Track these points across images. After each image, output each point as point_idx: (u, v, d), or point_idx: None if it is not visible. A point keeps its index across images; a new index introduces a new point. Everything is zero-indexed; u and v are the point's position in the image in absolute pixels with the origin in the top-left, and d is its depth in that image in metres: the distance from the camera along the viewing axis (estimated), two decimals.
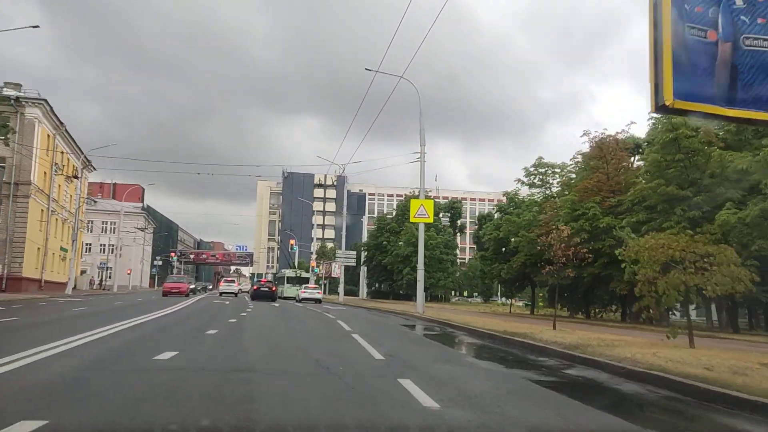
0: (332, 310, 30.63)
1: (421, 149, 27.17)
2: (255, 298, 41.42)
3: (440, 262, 54.92)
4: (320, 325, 18.68)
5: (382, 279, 62.89)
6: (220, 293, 53.70)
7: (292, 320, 21.10)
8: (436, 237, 55.62)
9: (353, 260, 47.94)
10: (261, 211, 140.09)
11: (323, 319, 21.57)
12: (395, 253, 53.67)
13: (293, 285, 51.43)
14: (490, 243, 33.96)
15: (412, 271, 52.77)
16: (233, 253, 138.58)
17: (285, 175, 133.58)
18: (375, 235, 62.03)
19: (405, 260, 53.09)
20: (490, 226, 34.69)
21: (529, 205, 33.68)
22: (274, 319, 21.10)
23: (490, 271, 33.89)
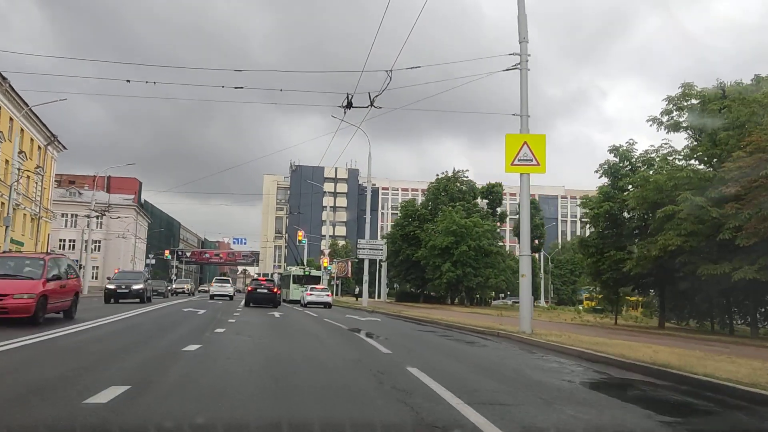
0: (363, 324, 19.37)
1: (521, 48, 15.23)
2: (250, 303, 30.73)
3: (487, 255, 43.13)
4: (387, 404, 6.08)
5: (410, 277, 51.04)
6: (212, 296, 43.07)
7: (295, 359, 9.39)
8: (482, 223, 43.85)
9: (380, 252, 36.34)
10: (267, 208, 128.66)
11: (370, 361, 9.28)
12: (430, 245, 42.04)
13: (301, 285, 41.31)
14: (599, 221, 22.01)
15: (453, 267, 41.00)
16: (238, 252, 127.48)
17: (293, 168, 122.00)
18: (401, 224, 50.51)
19: (443, 254, 41.51)
20: (597, 198, 22.58)
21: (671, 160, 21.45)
22: (260, 352, 10.62)
23: (596, 265, 21.93)
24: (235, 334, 12.85)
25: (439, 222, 43.24)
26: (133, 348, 9.51)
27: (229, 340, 11.59)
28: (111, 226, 75.28)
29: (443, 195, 50.20)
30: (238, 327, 15.11)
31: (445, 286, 43.23)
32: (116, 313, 17.77)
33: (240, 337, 12.25)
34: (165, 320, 16.90)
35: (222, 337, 12.10)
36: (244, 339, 11.82)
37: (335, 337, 14.10)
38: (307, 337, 13.36)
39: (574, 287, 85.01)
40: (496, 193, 53.42)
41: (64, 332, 11.26)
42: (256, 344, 10.98)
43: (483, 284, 43.24)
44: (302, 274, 43.64)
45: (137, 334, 12.04)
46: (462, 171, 51.04)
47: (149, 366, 7.53)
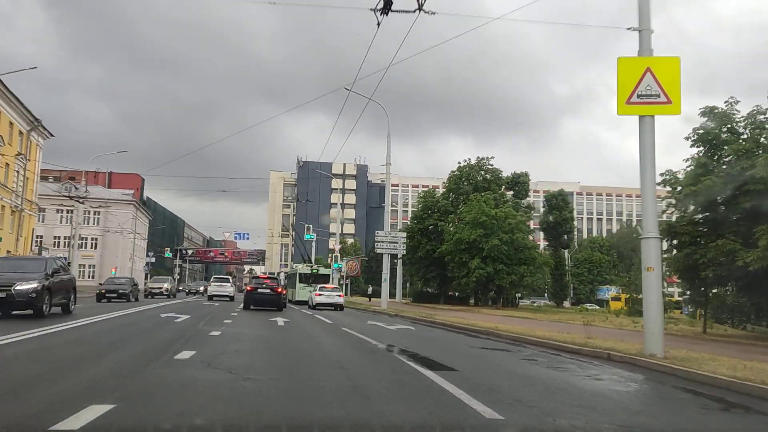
0: (397, 337, 14.60)
1: None
2: (250, 306, 25.62)
3: (521, 249, 37.54)
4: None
5: (429, 276, 45.59)
6: (209, 297, 38.24)
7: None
8: (514, 214, 38.34)
9: (402, 245, 30.98)
10: (274, 205, 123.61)
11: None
12: (456, 239, 36.51)
13: (308, 284, 37.64)
14: (697, 201, 16.59)
15: (483, 263, 35.58)
16: (244, 251, 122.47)
17: (300, 164, 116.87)
18: (420, 217, 45.07)
19: (471, 248, 36.12)
20: (690, 174, 16.90)
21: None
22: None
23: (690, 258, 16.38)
24: (206, 365, 7.54)
25: (465, 213, 37.78)
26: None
27: (189, 380, 6.32)
28: (109, 222, 70.31)
29: (466, 184, 44.84)
30: (220, 346, 9.85)
31: (473, 285, 37.59)
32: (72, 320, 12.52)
33: (212, 372, 6.96)
34: (114, 335, 11.60)
35: (179, 372, 6.84)
36: (218, 377, 6.54)
37: (371, 365, 8.80)
38: (326, 369, 8.05)
39: (592, 287, 79.65)
40: (523, 183, 47.96)
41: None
42: (233, 393, 5.70)
43: (517, 283, 37.74)
44: (309, 273, 39.38)
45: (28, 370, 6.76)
46: (486, 158, 45.86)
47: None
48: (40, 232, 74.30)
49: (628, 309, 42.26)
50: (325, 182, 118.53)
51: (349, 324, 17.88)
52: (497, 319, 23.70)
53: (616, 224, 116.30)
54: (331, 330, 15.63)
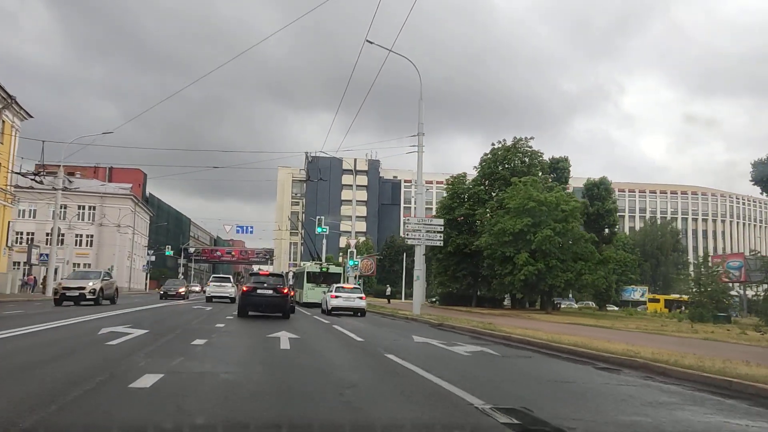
0: (483, 370, 8.32)
1: None
2: (247, 311, 19.32)
3: (575, 243, 30.65)
4: None
5: (460, 274, 38.84)
6: (208, 298, 33.98)
7: None
8: (568, 200, 31.41)
9: (439, 234, 24.32)
10: (282, 203, 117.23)
11: None
12: (498, 229, 29.64)
13: (317, 285, 33.96)
14: None
15: (532, 259, 28.82)
16: (251, 250, 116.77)
17: (309, 159, 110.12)
18: (448, 206, 38.19)
19: (516, 241, 30.07)
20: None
21: None
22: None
23: None
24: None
25: (508, 199, 31.08)
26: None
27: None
28: (105, 218, 64.14)
29: (501, 169, 38.20)
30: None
31: (519, 285, 30.65)
32: None
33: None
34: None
35: None
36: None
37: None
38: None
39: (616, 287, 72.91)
40: (562, 169, 41.29)
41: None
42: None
43: (572, 282, 30.83)
44: (318, 271, 35.23)
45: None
46: (525, 139, 39.13)
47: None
48: (30, 228, 68.40)
49: (684, 313, 35.68)
50: (335, 178, 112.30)
51: (391, 345, 11.39)
52: (573, 330, 17.27)
53: (639, 221, 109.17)
54: (370, 360, 9.14)
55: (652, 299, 63.06)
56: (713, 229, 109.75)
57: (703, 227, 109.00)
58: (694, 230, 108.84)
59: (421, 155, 24.84)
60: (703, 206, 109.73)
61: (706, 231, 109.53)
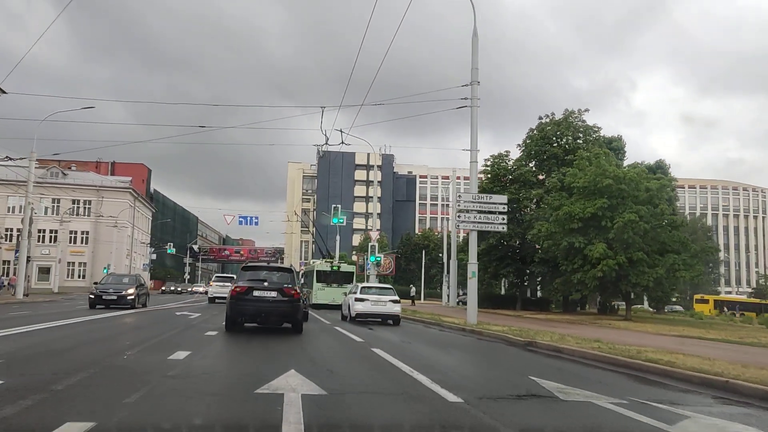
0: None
1: None
2: (242, 321, 12.92)
3: (663, 228, 23.36)
4: None
5: (504, 271, 32.03)
6: (210, 299, 30.58)
7: None
8: (651, 176, 24.52)
9: (501, 216, 17.68)
10: (293, 200, 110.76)
11: None
12: (563, 213, 22.37)
13: (328, 285, 30.86)
14: None
15: (610, 251, 21.69)
16: (261, 249, 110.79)
17: (320, 154, 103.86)
18: (488, 191, 30.96)
19: (586, 228, 22.82)
20: None
21: None
22: None
23: None
24: None
25: (572, 177, 24.08)
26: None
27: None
28: (102, 214, 57.98)
29: (550, 146, 31.47)
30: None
31: (594, 285, 23.10)
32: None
33: None
34: None
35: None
36: None
37: None
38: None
39: None
40: (617, 149, 34.46)
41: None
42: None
43: (660, 280, 23.18)
44: (329, 270, 31.76)
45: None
46: (579, 111, 32.36)
47: None
48: (21, 224, 62.35)
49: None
50: (347, 174, 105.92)
51: (522, 420, 4.78)
52: (732, 351, 10.74)
53: None
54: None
55: (700, 300, 55.85)
56: (744, 225, 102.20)
57: (734, 223, 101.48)
58: (725, 226, 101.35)
59: (476, 111, 18.24)
60: (734, 201, 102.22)
61: (738, 227, 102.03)
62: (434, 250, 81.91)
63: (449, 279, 47.30)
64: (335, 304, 28.10)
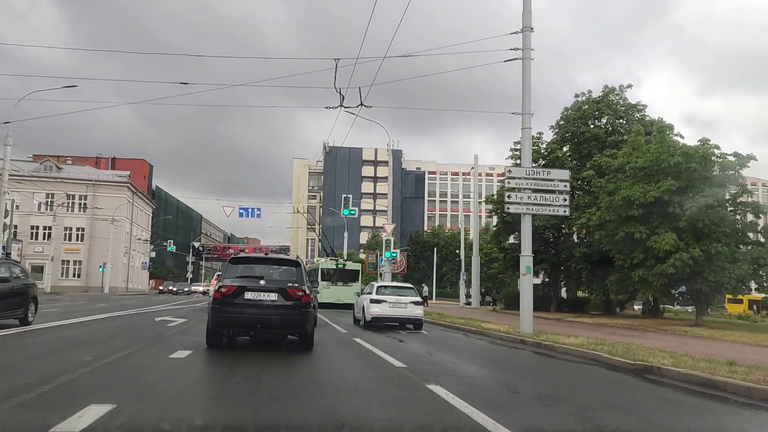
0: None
1: None
2: (224, 334, 9.18)
3: (741, 215, 19.32)
4: None
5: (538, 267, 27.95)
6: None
7: None
8: (725, 154, 20.00)
9: (562, 197, 13.95)
10: (299, 196, 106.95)
11: None
12: (621, 197, 18.53)
13: (333, 283, 29.78)
14: None
15: (681, 242, 17.40)
16: (265, 247, 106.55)
17: (327, 150, 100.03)
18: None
19: (648, 216, 18.36)
20: None
21: None
22: None
23: None
24: None
25: (624, 157, 19.92)
26: None
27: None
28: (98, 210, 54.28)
29: (592, 126, 27.39)
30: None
31: (660, 283, 18.36)
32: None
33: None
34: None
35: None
36: None
37: None
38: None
39: None
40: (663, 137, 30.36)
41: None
42: None
43: (746, 277, 19.04)
44: (334, 268, 30.91)
45: None
46: (620, 87, 28.11)
47: None
48: (14, 221, 58.76)
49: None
50: (354, 170, 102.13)
51: None
52: None
53: None
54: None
55: (733, 300, 51.48)
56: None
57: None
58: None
59: (529, 64, 14.32)
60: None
61: None
62: (444, 248, 78.24)
63: (466, 277, 43.38)
64: (340, 303, 27.09)
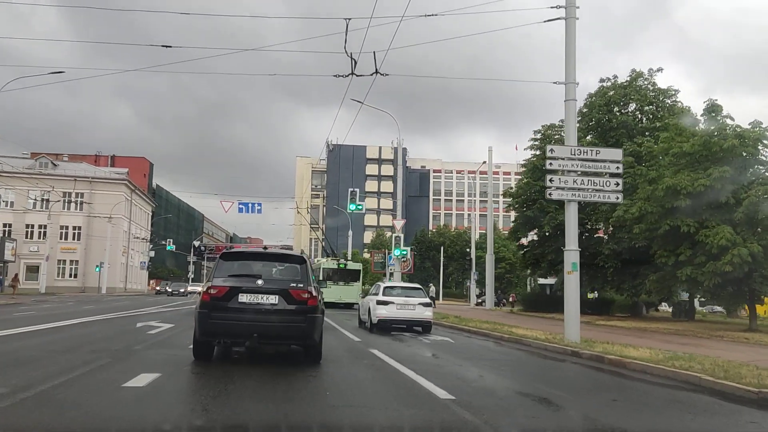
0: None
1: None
2: (214, 345, 7.56)
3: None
4: None
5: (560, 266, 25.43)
6: None
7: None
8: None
9: (614, 181, 11.65)
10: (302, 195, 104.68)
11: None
12: (667, 186, 16.29)
13: (335, 283, 29.87)
14: None
15: (739, 238, 15.18)
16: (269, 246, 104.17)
17: (330, 148, 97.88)
18: (540, 168, 24.38)
19: (695, 207, 14.78)
20: None
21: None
22: None
23: None
24: None
25: (666, 142, 17.57)
26: None
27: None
28: (96, 208, 52.15)
29: (618, 113, 25.06)
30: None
31: (713, 282, 16.03)
32: None
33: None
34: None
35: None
36: None
37: None
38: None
39: None
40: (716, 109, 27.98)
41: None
42: None
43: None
44: (336, 268, 30.97)
45: None
46: (650, 71, 25.70)
47: None
48: (8, 219, 56.71)
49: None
50: (358, 168, 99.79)
51: None
52: None
53: None
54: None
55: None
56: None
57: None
58: None
59: (574, 24, 12.07)
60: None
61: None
62: (450, 247, 76.18)
63: (477, 277, 41.10)
64: (341, 303, 28.13)
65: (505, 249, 58.85)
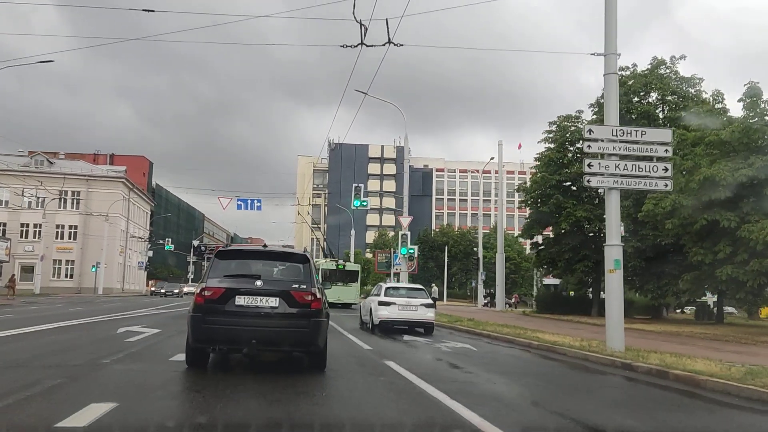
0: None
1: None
2: (210, 350, 6.62)
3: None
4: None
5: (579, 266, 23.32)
6: None
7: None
8: None
9: (662, 168, 10.22)
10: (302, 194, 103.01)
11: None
12: (705, 177, 14.87)
13: (333, 283, 29.52)
14: None
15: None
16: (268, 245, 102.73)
17: (332, 147, 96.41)
18: (555, 161, 22.28)
19: (737, 200, 13.86)
20: None
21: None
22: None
23: None
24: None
25: (696, 130, 16.16)
26: None
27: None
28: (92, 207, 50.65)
29: (640, 102, 23.54)
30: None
31: (759, 282, 14.47)
32: None
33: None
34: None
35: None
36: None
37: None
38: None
39: None
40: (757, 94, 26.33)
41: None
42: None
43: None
44: (334, 269, 31.29)
45: None
46: (672, 59, 24.15)
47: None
48: (2, 218, 55.24)
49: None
50: (360, 167, 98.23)
51: None
52: None
53: None
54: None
55: None
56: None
57: None
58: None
59: None
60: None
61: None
62: (454, 247, 74.94)
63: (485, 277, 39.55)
64: (340, 303, 28.34)
65: (509, 249, 57.37)
